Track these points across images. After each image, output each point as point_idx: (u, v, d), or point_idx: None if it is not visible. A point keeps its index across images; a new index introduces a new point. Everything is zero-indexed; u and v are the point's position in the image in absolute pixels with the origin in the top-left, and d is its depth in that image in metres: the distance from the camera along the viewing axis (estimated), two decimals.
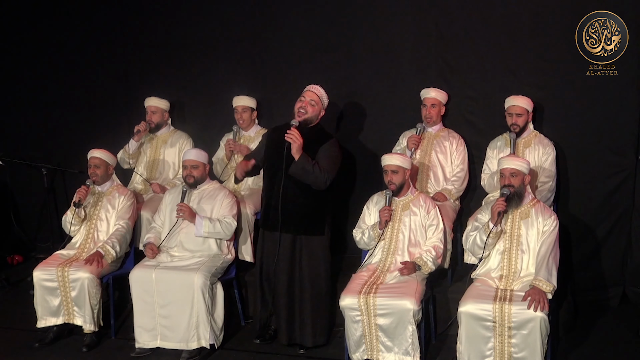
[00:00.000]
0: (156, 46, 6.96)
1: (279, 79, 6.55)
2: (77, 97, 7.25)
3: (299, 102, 5.20)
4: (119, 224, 5.74)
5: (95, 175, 5.80)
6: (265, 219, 5.27)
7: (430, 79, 6.14)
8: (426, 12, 6.16)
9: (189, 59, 6.86)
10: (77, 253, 5.73)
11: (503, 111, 5.78)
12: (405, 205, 5.24)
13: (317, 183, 5.09)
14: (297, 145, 4.99)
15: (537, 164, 5.67)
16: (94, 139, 6.45)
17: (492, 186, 5.72)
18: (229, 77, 6.73)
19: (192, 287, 5.21)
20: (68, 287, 5.45)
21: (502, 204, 4.80)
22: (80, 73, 7.23)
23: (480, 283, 4.87)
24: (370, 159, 6.31)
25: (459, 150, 5.93)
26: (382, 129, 6.34)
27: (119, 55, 7.07)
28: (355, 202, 6.35)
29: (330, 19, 6.42)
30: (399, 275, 5.04)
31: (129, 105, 7.00)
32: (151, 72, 6.98)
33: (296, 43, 6.55)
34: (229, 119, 6.41)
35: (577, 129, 5.86)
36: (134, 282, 5.33)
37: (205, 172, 5.65)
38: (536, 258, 4.79)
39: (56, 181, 7.38)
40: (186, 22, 6.84)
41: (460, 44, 6.10)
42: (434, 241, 5.16)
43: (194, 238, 5.52)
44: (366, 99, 6.41)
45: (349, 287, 4.99)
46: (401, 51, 6.27)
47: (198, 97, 6.88)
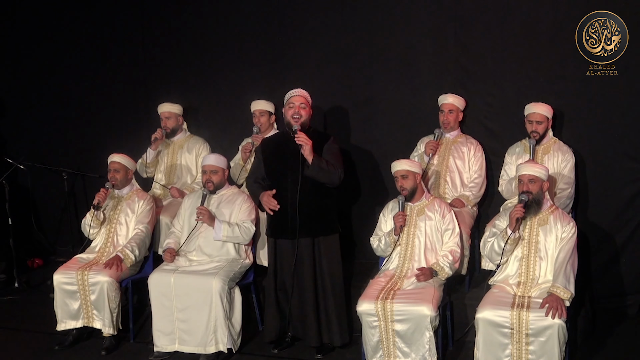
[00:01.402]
0: (176, 50, 7.02)
1: (297, 83, 6.52)
2: (98, 102, 7.32)
3: (290, 110, 5.25)
4: (138, 228, 5.79)
5: (115, 179, 5.85)
6: (278, 227, 5.28)
7: (448, 84, 6.15)
8: (444, 18, 6.17)
9: (209, 66, 6.91)
10: (96, 257, 5.78)
11: (521, 117, 5.76)
12: (420, 211, 5.26)
13: (333, 180, 5.15)
14: (309, 147, 5.05)
15: (556, 170, 5.65)
16: (114, 143, 6.51)
17: (510, 192, 5.71)
18: (247, 81, 6.77)
19: (210, 291, 5.24)
20: (88, 290, 5.51)
21: (520, 210, 4.80)
22: (100, 78, 7.31)
23: (498, 289, 4.86)
24: (386, 166, 6.28)
25: (477, 156, 5.93)
26: (400, 135, 6.35)
27: (139, 60, 7.14)
28: (373, 211, 6.34)
29: (348, 23, 6.45)
30: (416, 281, 5.05)
31: (148, 110, 7.04)
32: (170, 77, 7.04)
33: (314, 47, 6.58)
34: (247, 123, 6.44)
35: (596, 135, 5.84)
36: (153, 286, 5.37)
37: (224, 177, 5.69)
38: (554, 265, 4.78)
39: (76, 185, 7.44)
40: (206, 29, 6.89)
41: (478, 50, 6.11)
42: (450, 246, 5.17)
43: (213, 242, 5.55)
44: (384, 105, 6.43)
45: (366, 293, 5.00)
46: (419, 57, 6.28)
47: (216, 101, 6.93)
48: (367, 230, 5.85)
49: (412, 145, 6.13)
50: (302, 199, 5.13)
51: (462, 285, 5.69)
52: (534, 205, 4.86)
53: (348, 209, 6.54)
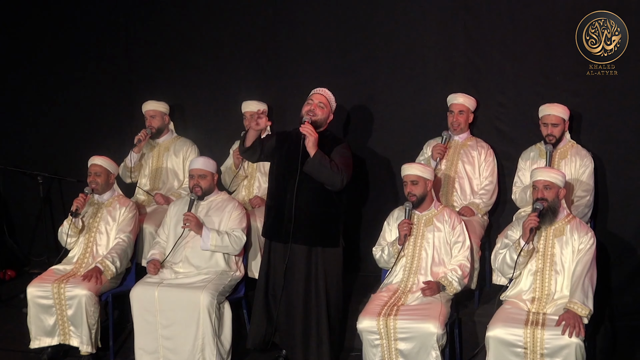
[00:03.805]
0: (160, 47, 7.02)
1: (292, 82, 6.58)
2: (77, 100, 7.30)
3: (307, 105, 5.29)
4: (119, 238, 5.78)
5: (96, 184, 5.85)
6: (272, 228, 5.31)
7: (457, 83, 6.15)
8: (453, 11, 6.18)
9: (195, 61, 6.91)
10: (74, 268, 5.77)
11: (536, 119, 5.77)
12: (429, 220, 5.26)
13: (334, 181, 5.15)
14: (313, 139, 5.07)
15: (574, 176, 5.66)
16: (94, 145, 6.51)
17: (524, 200, 5.72)
18: (237, 80, 6.77)
19: (198, 306, 5.23)
20: (64, 305, 5.50)
21: (535, 219, 4.80)
22: (79, 75, 7.29)
23: (511, 306, 4.86)
24: (391, 171, 6.34)
25: (488, 161, 5.94)
26: (404, 137, 6.36)
27: (121, 56, 7.14)
28: (371, 218, 6.38)
29: (348, 16, 6.45)
30: (422, 296, 5.05)
31: (131, 109, 7.04)
32: (155, 73, 7.03)
33: (311, 43, 6.58)
34: (238, 125, 6.45)
35: (616, 139, 5.86)
36: (135, 301, 5.37)
37: (213, 182, 5.70)
38: (571, 279, 4.78)
39: (53, 190, 7.42)
40: (194, 22, 6.89)
41: (489, 46, 6.11)
42: (460, 259, 5.17)
43: (201, 253, 5.55)
44: (387, 105, 6.43)
45: (367, 309, 5.00)
46: (425, 53, 6.29)
47: (204, 101, 6.93)
48: (369, 241, 5.86)
49: (417, 148, 6.14)
50: (301, 199, 5.15)
51: (471, 300, 5.69)
52: (549, 214, 4.87)
53: (353, 219, 6.54)
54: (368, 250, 6.23)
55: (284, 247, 5.26)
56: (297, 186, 5.14)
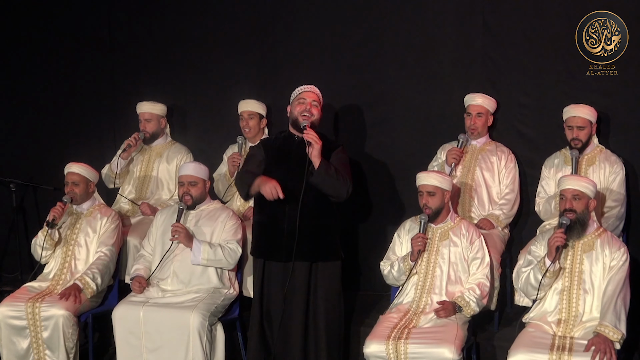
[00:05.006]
0: (148, 42, 7.04)
1: (293, 81, 6.51)
2: (53, 100, 7.33)
3: (300, 105, 5.26)
4: (100, 252, 5.78)
5: (74, 193, 5.84)
6: (269, 246, 5.29)
7: (475, 82, 6.18)
8: (470, 1, 6.20)
9: (187, 58, 6.93)
10: (50, 286, 5.76)
11: (562, 122, 5.78)
12: (444, 234, 5.25)
13: (340, 192, 5.16)
14: (318, 148, 5.05)
15: (603, 185, 5.66)
16: (73, 150, 6.54)
17: (548, 212, 5.72)
18: (233, 78, 6.78)
19: (188, 328, 5.22)
20: (39, 326, 5.49)
21: (561, 237, 4.77)
22: (56, 73, 7.31)
23: (534, 329, 4.85)
24: (401, 178, 6.36)
25: (509, 168, 5.94)
26: (415, 142, 6.38)
27: (103, 53, 7.15)
28: (377, 230, 6.40)
29: (354, 8, 6.48)
30: (436, 318, 5.04)
31: (115, 111, 7.08)
32: (142, 73, 7.06)
33: (314, 38, 6.60)
34: (234, 127, 6.45)
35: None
36: (118, 322, 5.36)
37: (205, 190, 5.70)
38: (602, 299, 4.77)
39: (27, 199, 7.42)
40: (184, 14, 6.91)
41: (510, 40, 6.13)
42: (478, 277, 5.16)
43: (191, 268, 5.54)
44: (397, 106, 6.45)
45: (375, 332, 4.98)
46: (440, 48, 6.31)
47: (196, 102, 6.95)
48: (375, 254, 5.86)
49: (431, 153, 6.15)
50: (304, 213, 5.13)
51: (490, 323, 5.69)
52: (577, 228, 4.86)
53: (352, 228, 6.54)
54: (368, 264, 6.27)
55: (284, 266, 5.24)
56: (302, 200, 5.10)
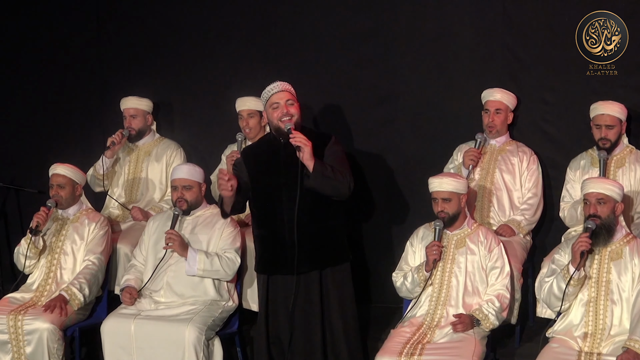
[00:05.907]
0: (138, 34, 7.05)
1: (296, 76, 6.55)
2: (38, 96, 7.35)
3: (276, 111, 5.21)
4: (88, 260, 5.78)
5: (59, 197, 5.86)
6: (272, 260, 5.29)
7: (495, 76, 6.18)
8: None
9: (181, 50, 6.94)
10: (34, 297, 5.77)
11: (588, 120, 5.78)
12: (460, 241, 5.25)
13: (341, 190, 5.16)
14: (309, 150, 5.04)
15: (633, 188, 5.67)
16: (58, 150, 6.57)
17: (574, 218, 5.71)
18: (231, 73, 6.79)
19: (183, 343, 5.23)
20: (22, 340, 5.49)
21: (586, 241, 4.77)
22: (40, 67, 7.32)
23: (558, 344, 4.84)
24: (413, 181, 6.35)
25: (531, 170, 5.94)
26: (430, 141, 6.38)
27: (91, 45, 7.16)
28: (388, 237, 6.40)
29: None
30: (452, 332, 5.03)
31: (103, 108, 7.09)
32: (132, 67, 7.06)
33: (318, 29, 6.61)
34: (233, 126, 6.46)
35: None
36: (107, 336, 5.37)
37: (200, 194, 5.70)
38: (631, 311, 4.77)
39: (9, 203, 7.43)
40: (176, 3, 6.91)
41: (532, 32, 6.14)
42: (498, 289, 5.16)
43: (186, 279, 5.54)
44: (408, 103, 6.45)
45: (386, 347, 4.98)
46: (457, 40, 6.31)
47: (192, 98, 6.96)
48: (382, 263, 5.85)
49: (446, 155, 6.15)
50: (302, 220, 5.13)
51: (511, 338, 5.68)
52: (603, 234, 4.86)
53: (360, 236, 6.54)
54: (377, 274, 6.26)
55: (290, 279, 5.23)
56: (299, 206, 5.09)
